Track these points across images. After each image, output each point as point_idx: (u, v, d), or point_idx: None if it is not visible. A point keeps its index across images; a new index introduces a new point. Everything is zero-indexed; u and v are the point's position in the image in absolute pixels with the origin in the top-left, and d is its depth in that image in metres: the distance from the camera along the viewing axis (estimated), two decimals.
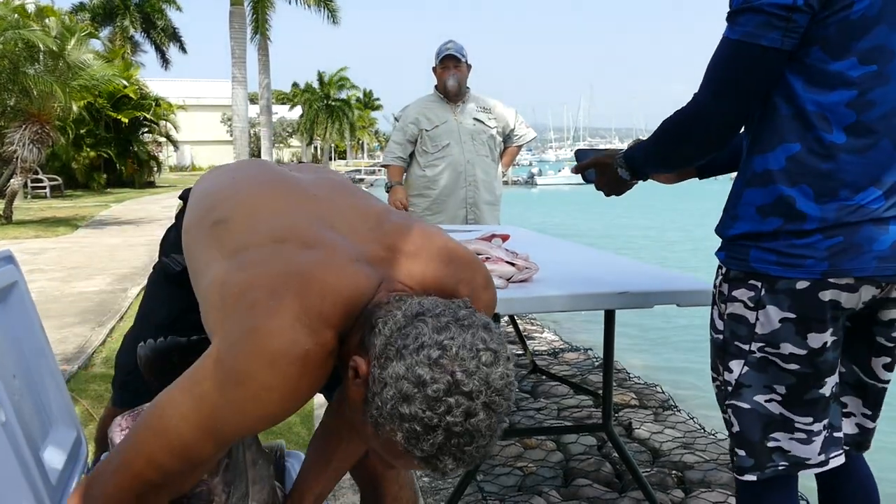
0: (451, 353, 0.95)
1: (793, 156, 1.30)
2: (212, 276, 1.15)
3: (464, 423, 0.93)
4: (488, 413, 0.95)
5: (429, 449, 0.95)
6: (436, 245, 1.20)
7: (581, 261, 2.59)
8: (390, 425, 0.96)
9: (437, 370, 0.94)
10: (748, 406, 1.39)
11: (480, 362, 0.96)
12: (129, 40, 31.51)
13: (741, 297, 1.37)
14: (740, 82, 1.31)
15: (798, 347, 1.32)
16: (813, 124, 1.28)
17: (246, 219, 1.21)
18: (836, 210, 1.27)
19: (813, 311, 1.30)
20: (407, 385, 0.94)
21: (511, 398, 0.99)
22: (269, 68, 23.05)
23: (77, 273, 7.52)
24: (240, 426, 1.06)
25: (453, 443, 0.94)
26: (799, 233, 1.29)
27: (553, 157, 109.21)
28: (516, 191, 38.19)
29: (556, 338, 4.98)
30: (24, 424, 1.38)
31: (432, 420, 0.93)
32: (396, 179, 4.11)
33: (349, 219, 1.21)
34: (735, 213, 1.39)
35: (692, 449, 2.96)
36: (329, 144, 48.96)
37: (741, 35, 1.27)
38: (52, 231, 11.65)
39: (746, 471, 1.41)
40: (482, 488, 2.61)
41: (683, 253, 13.82)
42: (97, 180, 22.80)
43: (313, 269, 1.08)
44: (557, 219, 22.24)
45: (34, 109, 12.15)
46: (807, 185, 1.29)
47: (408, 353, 0.96)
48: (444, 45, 4.02)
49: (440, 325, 0.98)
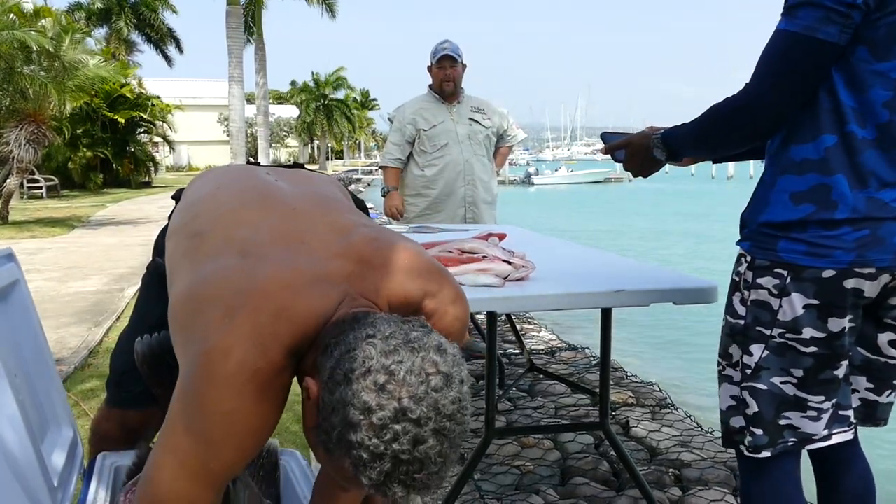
0: (398, 378, 0.93)
1: (830, 147, 1.36)
2: (178, 288, 1.18)
3: (412, 450, 0.91)
4: (439, 439, 0.93)
5: (376, 477, 0.92)
6: (403, 258, 1.18)
7: (577, 259, 2.59)
8: (338, 451, 0.95)
9: (384, 396, 0.92)
10: (765, 387, 1.45)
11: (429, 387, 0.93)
12: (125, 41, 31.45)
13: (766, 285, 1.43)
14: (796, 74, 1.35)
15: (818, 331, 1.39)
16: (849, 119, 1.34)
17: (221, 231, 1.22)
18: (866, 201, 1.34)
19: (836, 298, 1.37)
20: (353, 412, 0.92)
21: (465, 422, 0.97)
22: (266, 68, 23.01)
23: (73, 273, 7.51)
24: (225, 459, 1.06)
25: (402, 470, 0.92)
26: (828, 223, 1.35)
27: (550, 156, 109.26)
28: (513, 190, 38.22)
29: (553, 337, 4.99)
30: (28, 424, 1.39)
31: (378, 448, 0.91)
32: (393, 184, 4.11)
33: (322, 234, 1.20)
34: (767, 199, 1.44)
35: (689, 447, 2.97)
36: (326, 144, 48.90)
37: (800, 28, 1.31)
38: (48, 231, 11.63)
39: (762, 448, 1.47)
40: (479, 487, 2.61)
41: (680, 252, 13.84)
42: (94, 180, 22.77)
43: (271, 287, 1.07)
44: (554, 218, 22.26)
45: (30, 109, 12.13)
46: (842, 175, 1.35)
47: (354, 378, 0.94)
48: (440, 44, 4.02)
49: (388, 349, 0.95)
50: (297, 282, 1.09)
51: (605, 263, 2.49)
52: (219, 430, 1.02)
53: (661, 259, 12.20)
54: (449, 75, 3.97)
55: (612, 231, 18.15)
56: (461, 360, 1.01)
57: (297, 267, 1.11)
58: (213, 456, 1.04)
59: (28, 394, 1.50)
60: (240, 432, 1.03)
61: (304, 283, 1.09)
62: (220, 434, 1.03)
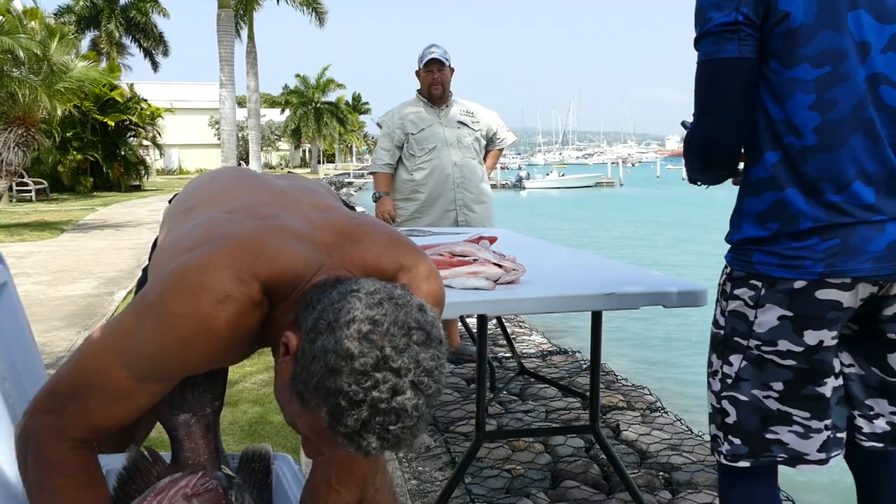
0: (381, 328, 0.94)
1: (775, 163, 1.39)
2: (161, 245, 1.22)
3: (390, 399, 0.92)
4: (416, 392, 0.93)
5: (353, 425, 0.93)
6: (380, 234, 1.22)
7: (568, 263, 2.60)
8: (316, 400, 0.95)
9: (367, 344, 0.93)
10: (746, 398, 1.46)
11: (411, 340, 0.95)
12: (115, 44, 31.32)
13: (742, 296, 1.45)
14: (714, 97, 1.41)
15: (794, 344, 1.39)
16: (784, 132, 1.37)
17: (209, 203, 1.27)
18: (825, 209, 1.34)
19: (810, 309, 1.37)
20: (335, 358, 0.93)
21: (441, 381, 0.98)
22: (257, 71, 23.00)
23: (63, 277, 7.47)
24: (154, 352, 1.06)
25: (378, 420, 0.92)
26: (796, 234, 1.36)
27: (542, 160, 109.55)
28: (504, 194, 38.27)
29: (544, 340, 5.00)
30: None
31: (357, 395, 0.91)
32: (384, 189, 4.11)
33: (306, 209, 1.24)
34: (739, 221, 1.47)
35: (679, 450, 2.98)
36: (317, 148, 48.83)
37: (704, 56, 1.39)
38: (37, 235, 11.56)
39: (741, 458, 1.48)
40: (470, 490, 2.61)
41: (671, 256, 13.89)
42: (83, 184, 22.67)
43: (255, 233, 1.12)
44: (545, 222, 22.30)
45: (19, 112, 12.07)
46: (793, 189, 1.37)
47: (338, 327, 0.95)
48: (427, 48, 4.03)
49: (373, 302, 0.97)
50: (281, 234, 1.12)
51: (595, 266, 2.50)
52: (160, 329, 1.04)
53: (651, 262, 12.24)
54: (437, 79, 3.98)
55: (602, 235, 18.20)
56: (440, 324, 1.02)
57: (283, 225, 1.15)
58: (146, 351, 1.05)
59: (17, 397, 1.50)
60: (181, 340, 1.04)
61: (288, 236, 1.12)
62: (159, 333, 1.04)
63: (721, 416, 1.51)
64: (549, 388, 3.71)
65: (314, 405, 0.95)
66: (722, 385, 1.50)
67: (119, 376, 1.08)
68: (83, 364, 1.11)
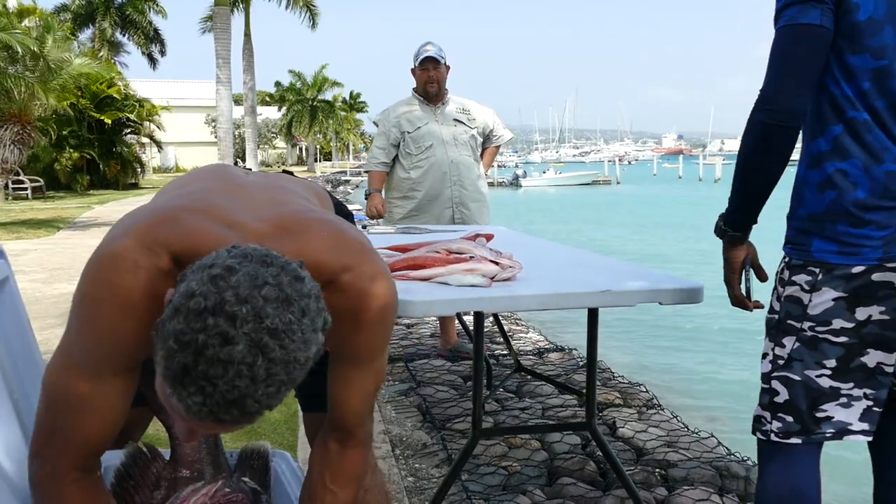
0: (232, 277, 0.88)
1: (837, 135, 1.48)
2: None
3: (217, 347, 0.85)
4: (252, 350, 0.86)
5: (176, 369, 0.86)
6: (327, 231, 1.17)
7: (564, 260, 2.61)
8: (158, 345, 0.90)
9: (210, 287, 0.88)
10: (799, 378, 1.54)
11: (260, 294, 0.88)
12: (110, 42, 31.18)
13: (799, 281, 1.54)
14: (789, 58, 1.46)
15: (847, 322, 1.49)
16: (846, 107, 1.46)
17: (170, 189, 1.35)
18: (886, 175, 1.44)
19: (864, 290, 1.47)
20: (179, 298, 0.89)
21: (291, 350, 0.89)
22: (253, 69, 22.96)
23: (59, 274, 7.46)
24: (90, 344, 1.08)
25: (201, 369, 0.85)
26: (857, 221, 1.45)
27: (539, 158, 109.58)
28: (501, 192, 38.25)
29: (540, 338, 5.00)
30: (20, 421, 1.38)
31: (185, 336, 0.86)
32: (376, 186, 4.13)
33: (258, 203, 1.22)
34: (801, 193, 1.55)
35: (676, 447, 2.99)
36: (314, 146, 48.73)
37: (785, 21, 1.45)
38: (33, 232, 11.54)
39: (793, 435, 1.56)
40: (467, 488, 2.62)
41: (667, 253, 13.91)
42: (80, 181, 22.59)
43: (172, 209, 1.14)
44: (542, 219, 22.30)
45: (15, 110, 12.04)
46: (855, 159, 1.46)
47: (196, 270, 0.92)
48: (422, 46, 4.04)
49: (239, 254, 0.93)
50: (203, 214, 1.13)
51: (591, 264, 2.50)
52: (85, 313, 1.07)
53: (648, 260, 12.26)
54: (432, 77, 3.98)
55: (599, 232, 18.21)
56: (319, 304, 0.96)
57: (210, 206, 1.16)
58: (84, 341, 1.08)
59: (19, 392, 1.50)
60: (105, 319, 1.06)
61: (211, 217, 1.12)
62: (85, 318, 1.07)
63: (769, 395, 1.58)
64: (546, 385, 3.71)
65: (157, 351, 0.91)
66: (772, 366, 1.58)
67: (77, 386, 1.08)
68: (47, 392, 1.13)
